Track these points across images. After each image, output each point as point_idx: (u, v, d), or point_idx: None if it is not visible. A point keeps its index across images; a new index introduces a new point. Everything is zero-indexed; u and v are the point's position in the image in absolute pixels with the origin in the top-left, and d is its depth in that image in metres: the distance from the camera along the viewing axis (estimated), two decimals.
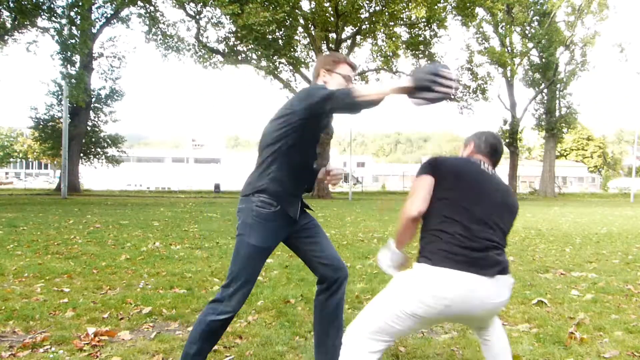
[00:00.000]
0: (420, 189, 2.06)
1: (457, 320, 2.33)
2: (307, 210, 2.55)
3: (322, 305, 2.49)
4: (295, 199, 2.38)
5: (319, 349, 2.55)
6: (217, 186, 35.34)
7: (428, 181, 2.08)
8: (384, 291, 2.06)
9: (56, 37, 19.32)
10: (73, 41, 19.51)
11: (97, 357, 2.81)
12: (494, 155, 2.26)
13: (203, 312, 2.34)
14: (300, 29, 27.17)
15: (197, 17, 25.94)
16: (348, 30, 28.30)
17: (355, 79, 2.56)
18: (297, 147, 2.29)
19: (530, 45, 34.08)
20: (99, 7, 26.76)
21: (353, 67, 2.54)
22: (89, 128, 30.07)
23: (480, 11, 30.18)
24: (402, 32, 28.56)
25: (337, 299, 2.48)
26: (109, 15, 27.64)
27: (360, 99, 2.04)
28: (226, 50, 26.39)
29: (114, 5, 25.76)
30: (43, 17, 20.82)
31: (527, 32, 34.17)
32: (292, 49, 26.47)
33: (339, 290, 2.48)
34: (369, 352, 1.97)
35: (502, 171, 56.62)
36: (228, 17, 23.01)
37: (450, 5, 27.33)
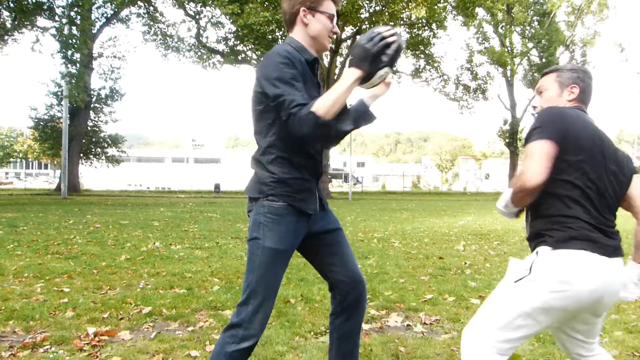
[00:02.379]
0: (542, 157, 1.65)
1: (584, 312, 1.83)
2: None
3: (339, 329, 2.11)
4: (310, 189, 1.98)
5: None
6: (217, 186, 35.36)
7: (548, 149, 1.66)
8: (506, 286, 1.78)
9: (57, 37, 19.31)
10: (73, 41, 19.51)
11: (97, 357, 2.81)
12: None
13: (218, 344, 1.89)
14: None
15: (197, 17, 25.99)
16: (348, 30, 28.28)
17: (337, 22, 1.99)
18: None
19: (530, 45, 34.10)
20: (99, 7, 26.80)
21: (336, 1, 2.00)
22: (89, 128, 30.10)
23: (480, 11, 30.25)
24: (402, 32, 28.58)
25: (354, 321, 2.10)
26: (109, 15, 27.69)
27: (328, 114, 1.70)
28: (226, 50, 26.39)
29: (113, 5, 25.78)
30: (44, 16, 20.81)
31: (527, 32, 34.20)
32: None
33: (357, 310, 2.08)
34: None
35: (501, 172, 56.63)
36: (228, 17, 23.03)
37: (450, 5, 27.36)
